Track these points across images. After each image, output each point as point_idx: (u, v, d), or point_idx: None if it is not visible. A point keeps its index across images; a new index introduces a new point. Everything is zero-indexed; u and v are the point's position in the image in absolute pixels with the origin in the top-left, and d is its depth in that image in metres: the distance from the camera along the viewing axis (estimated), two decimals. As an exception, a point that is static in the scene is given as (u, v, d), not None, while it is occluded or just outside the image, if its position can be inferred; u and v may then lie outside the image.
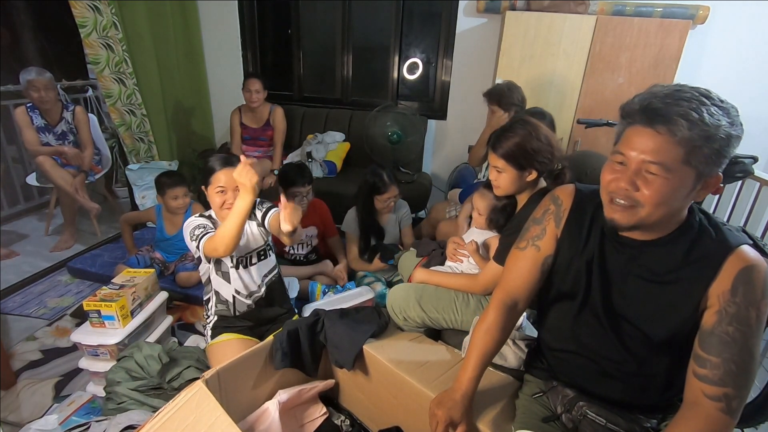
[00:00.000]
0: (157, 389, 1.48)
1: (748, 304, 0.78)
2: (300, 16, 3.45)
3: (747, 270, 0.79)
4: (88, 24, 2.61)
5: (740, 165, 1.77)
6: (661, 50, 2.46)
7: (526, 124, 1.36)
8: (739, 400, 0.77)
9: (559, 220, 1.00)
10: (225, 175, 1.43)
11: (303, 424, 1.39)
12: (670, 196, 0.77)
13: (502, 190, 1.40)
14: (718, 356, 0.78)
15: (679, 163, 0.74)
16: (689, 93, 0.75)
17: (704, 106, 0.73)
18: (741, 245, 0.81)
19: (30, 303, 2.24)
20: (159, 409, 1.04)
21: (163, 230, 2.35)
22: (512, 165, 1.33)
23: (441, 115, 3.30)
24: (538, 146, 1.32)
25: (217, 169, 1.45)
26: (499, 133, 1.36)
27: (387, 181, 2.19)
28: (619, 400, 0.97)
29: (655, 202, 0.77)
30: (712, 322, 0.80)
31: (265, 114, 3.06)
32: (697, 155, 0.74)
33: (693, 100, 0.74)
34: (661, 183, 0.76)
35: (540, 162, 1.33)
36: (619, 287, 0.92)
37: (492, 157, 1.37)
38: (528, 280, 1.03)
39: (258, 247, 1.58)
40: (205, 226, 1.47)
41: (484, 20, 2.96)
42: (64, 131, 2.78)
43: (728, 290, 0.79)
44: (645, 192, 0.78)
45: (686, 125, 0.72)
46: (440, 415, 0.97)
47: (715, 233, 0.84)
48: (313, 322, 1.41)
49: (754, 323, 0.77)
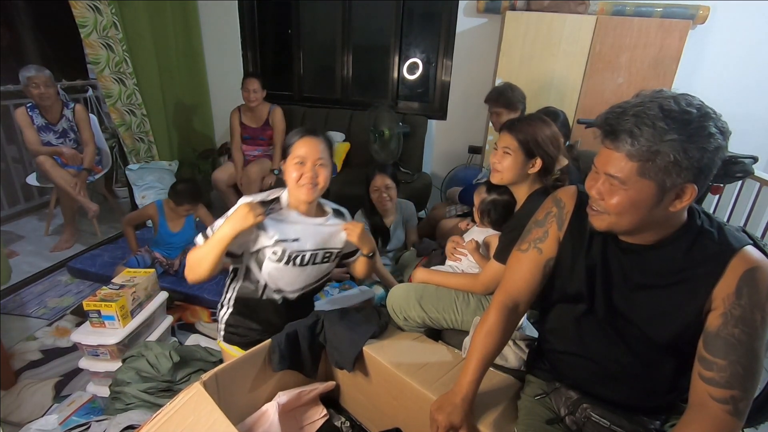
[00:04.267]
0: (166, 391, 1.48)
1: (753, 306, 0.77)
2: (300, 16, 3.45)
3: (751, 272, 0.78)
4: (88, 24, 2.61)
5: (740, 165, 1.77)
6: (661, 50, 2.46)
7: (541, 117, 1.42)
8: (746, 402, 0.77)
9: (562, 222, 1.00)
10: (306, 145, 1.24)
11: (303, 426, 1.39)
12: (630, 206, 0.80)
13: (503, 174, 1.38)
14: (724, 358, 0.77)
15: (634, 176, 0.77)
16: (642, 107, 0.76)
17: (651, 120, 0.74)
18: (744, 246, 0.81)
19: (30, 303, 2.24)
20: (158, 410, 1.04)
21: (166, 227, 2.35)
22: (522, 149, 1.35)
23: (441, 115, 3.30)
24: (550, 137, 1.36)
25: (296, 139, 1.25)
26: (516, 119, 1.42)
27: (376, 169, 2.20)
28: (623, 402, 0.97)
29: (617, 211, 0.82)
30: (717, 324, 0.79)
31: (264, 114, 3.06)
32: (649, 169, 0.76)
33: (641, 115, 0.75)
34: (621, 194, 0.80)
35: (547, 154, 1.36)
36: (622, 291, 0.92)
37: (505, 137, 1.38)
38: (529, 282, 1.02)
39: (325, 248, 1.36)
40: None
41: (484, 20, 2.96)
42: (65, 129, 2.78)
43: (733, 292, 0.79)
44: (609, 201, 0.82)
45: (629, 141, 0.75)
46: (440, 419, 0.97)
47: (718, 235, 0.83)
48: (313, 323, 1.41)
49: (759, 325, 0.77)
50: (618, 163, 0.78)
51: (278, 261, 1.29)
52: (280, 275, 1.32)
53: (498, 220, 1.55)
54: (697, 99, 0.77)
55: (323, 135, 1.30)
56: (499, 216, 1.55)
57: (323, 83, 3.68)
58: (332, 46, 3.43)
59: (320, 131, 1.30)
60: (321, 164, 1.26)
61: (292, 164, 1.25)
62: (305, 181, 1.24)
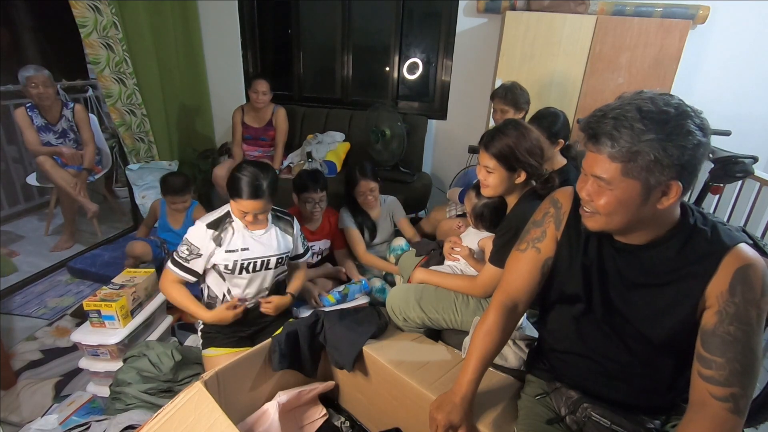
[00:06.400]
0: (167, 392, 1.48)
1: (747, 303, 0.78)
2: (300, 16, 3.45)
3: (744, 269, 0.79)
4: (88, 24, 2.61)
5: (740, 165, 1.77)
6: (661, 50, 2.45)
7: (518, 126, 1.37)
8: (746, 399, 0.77)
9: (559, 222, 1.01)
10: (251, 205, 1.42)
11: (303, 426, 1.39)
12: (618, 205, 0.82)
13: (491, 189, 1.39)
14: (722, 356, 0.78)
15: (619, 176, 0.79)
16: (620, 110, 0.78)
17: (629, 122, 0.76)
18: (737, 244, 0.81)
19: (30, 303, 2.24)
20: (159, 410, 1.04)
21: (167, 224, 2.37)
22: (503, 165, 1.34)
23: (441, 115, 3.29)
24: (529, 148, 1.32)
25: (244, 198, 1.41)
26: (492, 133, 1.37)
27: (358, 174, 2.20)
28: (623, 402, 0.97)
29: (606, 211, 0.84)
30: (713, 322, 0.80)
31: (268, 114, 3.06)
32: (632, 168, 0.78)
33: (620, 118, 0.77)
34: (608, 194, 0.82)
35: (530, 165, 1.33)
36: (618, 289, 0.92)
37: (483, 156, 1.37)
38: (528, 282, 1.03)
39: (278, 254, 1.57)
40: (191, 252, 1.45)
41: (484, 20, 2.96)
42: (64, 129, 2.78)
43: (726, 290, 0.79)
44: (598, 202, 0.84)
45: (610, 144, 0.78)
46: (440, 418, 0.97)
47: (711, 233, 0.84)
48: (313, 323, 1.41)
49: (754, 322, 0.78)
50: (602, 164, 0.81)
51: (230, 272, 1.50)
52: (235, 283, 1.54)
53: (494, 222, 1.55)
54: (676, 98, 0.78)
55: (267, 192, 1.43)
56: (494, 218, 1.55)
57: (323, 83, 3.68)
58: (332, 46, 3.43)
59: (266, 186, 1.43)
60: (262, 213, 1.47)
61: (237, 209, 1.45)
62: (247, 222, 1.48)
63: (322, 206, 2.16)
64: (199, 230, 1.46)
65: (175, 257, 1.47)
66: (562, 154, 1.88)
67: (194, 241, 1.45)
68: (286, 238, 1.61)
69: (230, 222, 1.49)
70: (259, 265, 1.53)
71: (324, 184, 2.14)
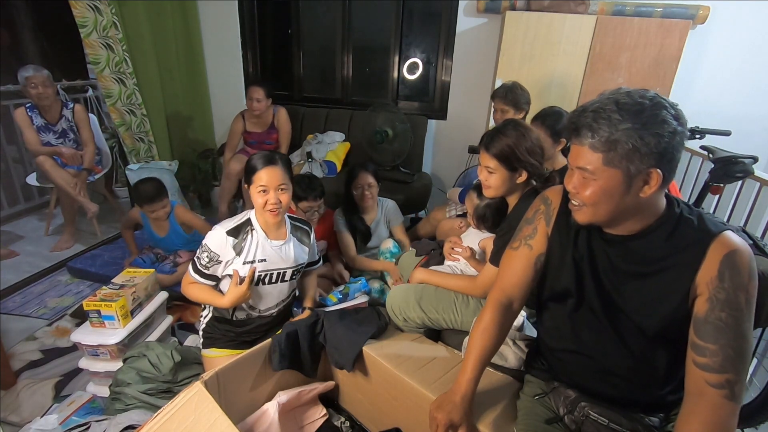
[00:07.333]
0: (167, 392, 1.48)
1: (736, 289, 0.79)
2: (300, 16, 3.45)
3: (731, 255, 0.81)
4: (88, 24, 2.61)
5: (740, 165, 1.77)
6: (661, 50, 2.46)
7: (518, 126, 1.37)
8: (741, 384, 0.79)
9: (549, 219, 1.03)
10: (267, 173, 1.37)
11: (303, 426, 1.39)
12: (603, 195, 0.85)
13: (493, 190, 1.40)
14: (715, 343, 0.79)
15: (601, 166, 0.83)
16: (599, 104, 0.83)
17: (607, 113, 0.81)
18: (723, 231, 0.83)
19: (30, 303, 2.24)
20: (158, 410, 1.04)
21: (152, 233, 2.30)
22: (504, 165, 1.34)
23: (441, 115, 3.30)
24: (530, 148, 1.33)
25: (259, 168, 1.37)
26: (492, 134, 1.37)
27: (358, 167, 2.20)
28: (620, 399, 0.98)
29: (591, 201, 0.87)
30: (704, 309, 0.81)
31: (269, 118, 3.03)
32: (613, 158, 0.81)
33: (599, 110, 0.82)
34: (593, 185, 0.85)
35: (531, 164, 1.34)
36: (611, 280, 0.94)
37: (484, 156, 1.37)
38: (522, 278, 1.05)
39: (294, 266, 1.53)
40: (211, 259, 1.41)
41: (484, 20, 2.96)
42: (64, 129, 2.78)
43: (715, 276, 0.81)
44: (584, 193, 0.87)
45: (590, 135, 0.83)
46: (440, 418, 0.98)
47: (697, 222, 0.86)
48: (313, 323, 1.41)
49: (744, 306, 0.79)
50: (585, 156, 0.84)
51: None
52: (252, 294, 1.48)
53: (496, 223, 1.55)
54: (651, 92, 0.82)
55: (281, 161, 1.42)
56: (496, 218, 1.55)
57: (323, 83, 3.68)
58: (332, 46, 3.43)
59: (278, 157, 1.41)
60: (282, 189, 1.40)
61: (256, 192, 1.39)
62: (270, 206, 1.39)
63: (320, 212, 2.17)
64: (219, 237, 1.41)
65: (197, 265, 1.45)
66: (564, 154, 1.88)
67: (214, 248, 1.41)
68: (303, 248, 1.57)
69: (251, 230, 1.45)
70: (275, 277, 1.50)
71: (321, 191, 2.13)
